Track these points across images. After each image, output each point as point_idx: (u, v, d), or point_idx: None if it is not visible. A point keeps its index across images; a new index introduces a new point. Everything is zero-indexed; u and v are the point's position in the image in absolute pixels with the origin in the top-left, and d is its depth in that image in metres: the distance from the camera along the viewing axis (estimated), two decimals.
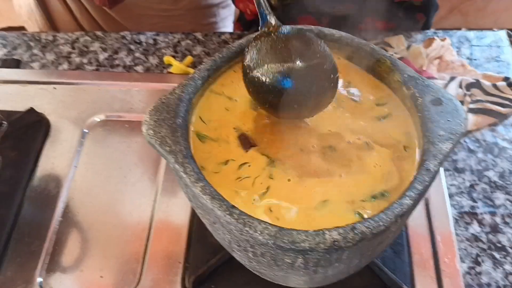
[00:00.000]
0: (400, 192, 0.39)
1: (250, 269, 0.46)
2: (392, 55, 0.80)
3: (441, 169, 0.66)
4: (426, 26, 0.88)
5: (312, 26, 0.49)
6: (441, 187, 0.63)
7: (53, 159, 0.68)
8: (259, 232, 0.36)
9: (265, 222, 0.36)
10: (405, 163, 0.42)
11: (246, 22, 0.97)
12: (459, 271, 0.57)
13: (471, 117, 0.73)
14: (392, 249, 0.56)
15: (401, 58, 0.80)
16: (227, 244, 0.42)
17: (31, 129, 0.70)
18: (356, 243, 0.36)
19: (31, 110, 0.72)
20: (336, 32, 0.48)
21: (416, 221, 0.60)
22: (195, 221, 0.60)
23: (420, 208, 0.62)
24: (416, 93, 0.43)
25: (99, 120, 0.72)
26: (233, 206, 0.37)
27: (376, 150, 0.43)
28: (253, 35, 0.45)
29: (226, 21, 1.04)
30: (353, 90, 0.48)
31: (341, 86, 0.48)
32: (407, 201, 0.37)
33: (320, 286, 0.47)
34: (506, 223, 0.63)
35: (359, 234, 0.36)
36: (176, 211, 0.62)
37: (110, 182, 0.65)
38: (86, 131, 0.71)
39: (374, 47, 0.47)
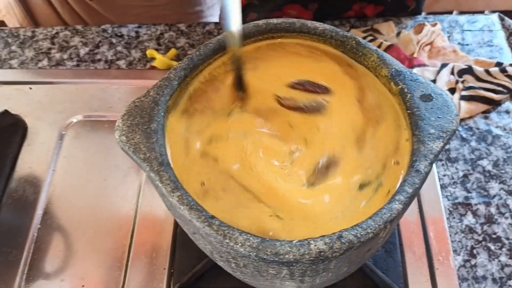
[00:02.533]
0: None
1: (236, 277, 0.44)
2: (382, 42, 0.79)
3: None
4: (417, 11, 0.85)
5: (295, 20, 0.46)
6: (434, 182, 0.61)
7: (30, 163, 0.65)
8: (240, 244, 0.34)
9: (246, 233, 0.34)
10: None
11: None
12: (454, 269, 0.55)
13: (464, 105, 0.71)
14: (383, 248, 0.54)
15: (391, 46, 0.78)
16: (210, 254, 0.40)
17: (7, 132, 0.67)
18: (344, 253, 0.34)
19: (6, 112, 0.69)
20: (319, 25, 0.45)
21: (409, 218, 0.58)
22: (179, 226, 0.58)
23: (412, 204, 0.59)
24: (405, 88, 0.41)
25: (77, 120, 0.70)
26: (213, 217, 0.35)
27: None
28: None
29: (213, 9, 1.01)
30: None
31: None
32: (397, 206, 0.35)
33: None
34: (501, 213, 0.62)
35: (346, 243, 0.33)
36: (160, 215, 0.60)
37: (90, 185, 0.63)
38: (64, 132, 0.69)
39: (360, 40, 0.44)
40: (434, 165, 0.64)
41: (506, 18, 0.90)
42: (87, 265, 0.57)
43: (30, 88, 0.73)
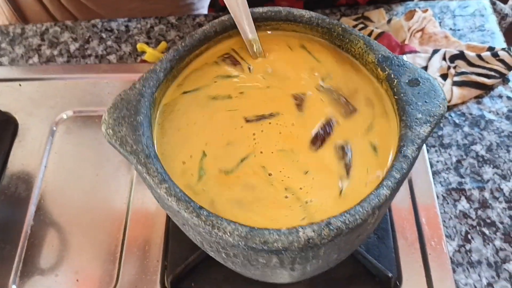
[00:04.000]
0: None
1: (228, 267, 0.44)
2: (373, 30, 0.78)
3: (425, 149, 0.65)
4: None
5: (281, 8, 0.46)
6: (425, 167, 0.61)
7: (22, 159, 0.65)
8: (229, 234, 0.34)
9: (234, 223, 0.34)
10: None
11: (220, 8, 0.93)
12: (447, 254, 0.55)
13: (456, 90, 0.71)
14: (376, 235, 0.54)
15: (382, 33, 0.78)
16: (200, 244, 0.40)
17: None
18: (332, 239, 0.34)
19: None
20: (306, 13, 0.45)
21: (400, 204, 0.58)
22: (171, 219, 0.58)
23: (404, 189, 0.60)
24: (392, 74, 0.40)
25: (67, 116, 0.69)
26: (201, 207, 0.35)
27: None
28: None
29: (205, 1, 1.01)
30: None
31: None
32: (385, 191, 0.35)
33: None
34: (495, 197, 0.62)
35: (334, 229, 0.33)
36: (152, 208, 0.60)
37: (82, 180, 0.63)
38: (55, 128, 0.69)
39: (346, 26, 0.44)
40: (425, 151, 0.64)
41: (498, 2, 0.90)
42: (81, 259, 0.57)
43: (20, 85, 0.73)
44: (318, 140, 0.41)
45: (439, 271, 0.53)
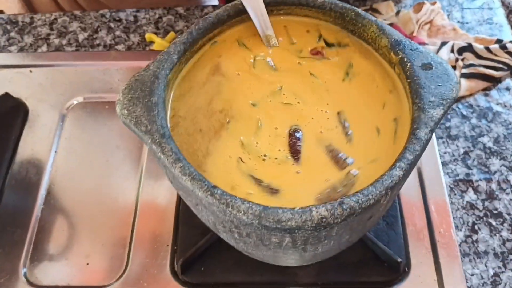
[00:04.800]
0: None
1: (239, 249, 0.45)
2: (382, 22, 0.79)
3: (434, 137, 0.65)
4: None
5: None
6: (434, 155, 0.61)
7: (32, 145, 0.65)
8: (243, 212, 0.34)
9: (248, 202, 0.34)
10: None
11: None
12: (455, 241, 0.55)
13: (464, 82, 0.71)
14: (385, 221, 0.54)
15: (390, 25, 0.78)
16: (212, 225, 0.41)
17: (8, 114, 0.67)
18: (345, 219, 0.34)
19: (7, 95, 0.69)
20: None
21: (409, 192, 0.58)
22: (181, 202, 0.58)
23: (413, 178, 0.60)
24: (405, 58, 0.41)
25: (78, 102, 0.70)
26: (215, 186, 0.35)
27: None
28: None
29: None
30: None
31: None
32: (398, 172, 0.35)
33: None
34: (502, 189, 0.62)
35: (347, 209, 0.34)
36: (162, 193, 0.60)
37: (92, 166, 0.63)
38: (65, 114, 0.69)
39: (359, 11, 0.44)
40: (434, 139, 0.64)
41: None
42: (91, 243, 0.57)
43: (31, 71, 0.73)
44: None
45: (447, 258, 0.53)
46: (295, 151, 0.41)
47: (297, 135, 0.42)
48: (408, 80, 0.40)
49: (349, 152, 0.40)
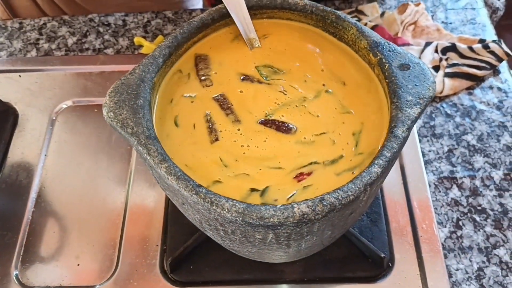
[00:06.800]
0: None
1: (225, 247, 0.46)
2: (367, 23, 0.80)
3: (416, 136, 0.66)
4: None
5: None
6: (417, 153, 0.63)
7: (22, 148, 0.66)
8: (227, 210, 0.35)
9: (232, 200, 0.35)
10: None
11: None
12: (438, 236, 0.57)
13: (448, 82, 0.73)
14: (369, 218, 0.56)
15: (375, 26, 0.79)
16: (199, 224, 0.42)
17: None
18: (326, 215, 0.35)
19: None
20: (300, 1, 0.47)
21: (393, 189, 0.60)
22: (170, 203, 0.59)
23: (396, 175, 0.61)
24: (383, 59, 0.42)
25: (67, 106, 0.71)
26: (200, 185, 0.36)
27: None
28: None
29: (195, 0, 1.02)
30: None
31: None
32: (376, 169, 0.36)
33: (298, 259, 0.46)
34: (485, 185, 0.63)
35: (328, 205, 0.35)
36: (151, 194, 0.61)
37: (82, 168, 0.64)
38: (54, 118, 0.70)
39: (340, 13, 0.45)
40: (417, 137, 0.66)
41: None
42: (82, 245, 0.58)
43: (20, 76, 0.74)
44: None
45: (430, 253, 0.55)
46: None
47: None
48: (387, 80, 0.41)
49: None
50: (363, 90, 0.44)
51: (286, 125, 0.42)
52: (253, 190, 0.39)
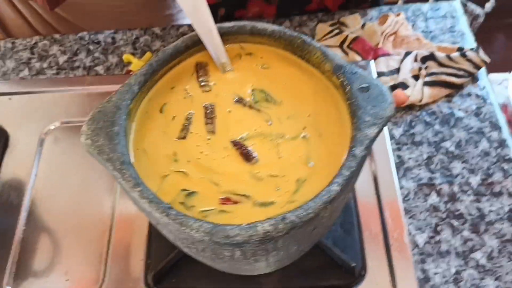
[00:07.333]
0: None
1: (202, 262, 0.48)
2: (348, 35, 0.82)
3: (389, 146, 0.68)
4: (377, 2, 0.88)
5: (246, 22, 0.50)
6: (389, 165, 0.65)
7: (13, 169, 0.69)
8: (195, 230, 0.38)
9: (200, 220, 0.38)
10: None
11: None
12: (407, 245, 0.59)
13: (427, 90, 0.74)
14: (342, 228, 0.58)
15: (356, 37, 0.81)
16: (173, 241, 0.44)
17: None
18: (287, 232, 0.37)
19: None
20: (268, 27, 0.49)
21: (366, 198, 0.62)
22: None
23: (369, 187, 0.63)
24: (345, 81, 0.44)
25: (55, 127, 0.73)
26: (170, 207, 0.39)
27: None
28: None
29: (183, 12, 1.04)
30: None
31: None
32: (335, 188, 0.39)
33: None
34: (463, 191, 0.65)
35: (289, 223, 0.37)
36: (135, 211, 0.63)
37: (70, 187, 0.67)
38: (44, 138, 0.72)
39: (305, 38, 0.48)
40: (390, 149, 0.67)
41: (469, 3, 0.93)
42: (70, 260, 0.61)
43: (10, 99, 0.77)
44: None
45: (400, 260, 0.57)
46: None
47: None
48: (348, 102, 0.43)
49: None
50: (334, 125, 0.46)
51: (250, 153, 0.44)
52: (183, 190, 0.42)
